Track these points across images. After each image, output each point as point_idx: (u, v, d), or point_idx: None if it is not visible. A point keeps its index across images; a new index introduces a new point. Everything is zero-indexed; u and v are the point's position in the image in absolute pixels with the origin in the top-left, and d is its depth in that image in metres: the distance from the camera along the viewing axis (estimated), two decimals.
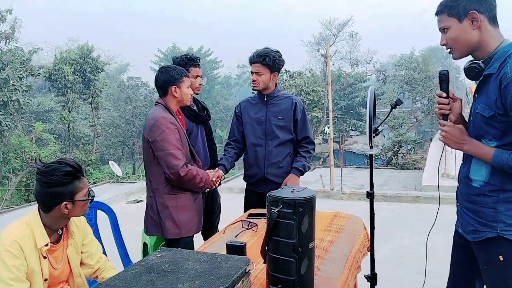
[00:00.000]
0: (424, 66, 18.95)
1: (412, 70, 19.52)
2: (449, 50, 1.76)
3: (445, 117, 1.80)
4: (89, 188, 1.84)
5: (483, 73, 1.66)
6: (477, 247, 1.78)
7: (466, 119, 1.86)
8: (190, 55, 3.01)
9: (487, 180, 1.69)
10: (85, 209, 1.84)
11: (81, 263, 1.95)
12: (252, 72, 2.99)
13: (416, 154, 16.97)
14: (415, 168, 14.60)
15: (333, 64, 22.19)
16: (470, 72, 1.69)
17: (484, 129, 1.68)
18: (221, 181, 2.97)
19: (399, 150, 16.94)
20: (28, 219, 1.76)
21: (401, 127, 17.54)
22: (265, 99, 3.03)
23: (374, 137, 2.03)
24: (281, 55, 3.00)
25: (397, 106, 2.07)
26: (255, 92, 3.11)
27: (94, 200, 1.88)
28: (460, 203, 1.87)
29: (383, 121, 2.41)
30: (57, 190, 1.71)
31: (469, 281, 1.94)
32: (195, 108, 3.06)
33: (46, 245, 1.75)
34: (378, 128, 2.12)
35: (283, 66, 3.05)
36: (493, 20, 1.66)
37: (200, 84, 3.03)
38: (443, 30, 1.73)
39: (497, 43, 1.65)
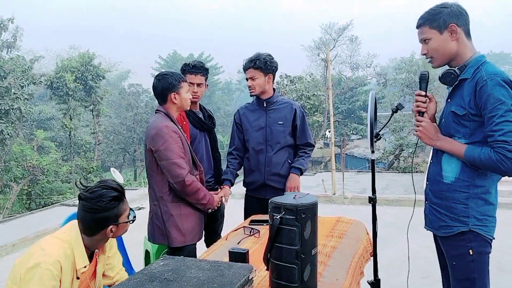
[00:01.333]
0: (424, 69, 18.89)
1: (412, 74, 19.51)
2: (429, 59, 1.92)
3: (421, 114, 1.95)
4: (129, 208, 1.83)
5: (458, 78, 1.84)
6: (446, 242, 1.90)
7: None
8: (191, 62, 2.99)
9: (458, 176, 1.84)
10: (127, 228, 1.84)
11: (103, 275, 1.94)
12: (247, 79, 2.99)
13: (418, 157, 16.95)
14: (416, 172, 14.59)
15: (333, 68, 22.21)
16: (446, 77, 1.87)
17: (455, 127, 1.84)
18: (224, 201, 2.97)
19: (400, 153, 16.89)
20: (69, 237, 1.72)
21: (402, 130, 17.48)
22: (265, 105, 3.02)
23: (375, 141, 2.03)
24: (273, 58, 2.99)
25: (398, 110, 2.07)
26: (254, 98, 3.11)
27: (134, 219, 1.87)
28: (428, 201, 1.99)
29: (385, 125, 2.41)
30: (103, 216, 1.71)
31: None
32: (201, 115, 3.06)
33: (85, 267, 1.73)
34: (379, 133, 2.12)
35: (276, 68, 3.03)
36: (468, 34, 1.87)
37: (194, 92, 2.94)
38: (424, 41, 1.90)
39: (471, 54, 1.85)
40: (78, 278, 1.72)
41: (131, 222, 1.83)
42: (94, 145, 18.65)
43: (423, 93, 1.94)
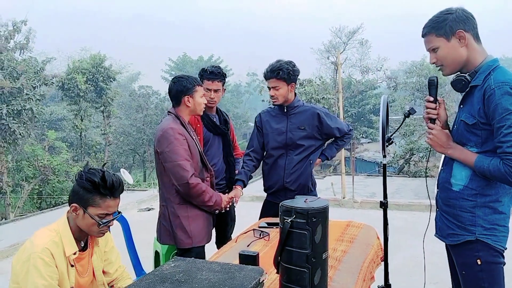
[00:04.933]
0: (435, 73, 18.72)
1: (423, 77, 19.38)
2: (439, 67, 1.88)
3: (432, 121, 1.91)
4: (111, 215, 1.79)
5: (469, 85, 1.79)
6: (455, 251, 1.87)
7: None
8: (209, 67, 3.01)
9: (466, 184, 1.80)
10: (95, 230, 1.78)
11: (103, 272, 1.96)
12: (269, 88, 2.96)
13: (429, 161, 16.78)
14: (427, 176, 14.44)
15: (343, 72, 22.13)
16: (457, 84, 1.82)
17: (467, 136, 1.80)
18: (235, 202, 2.96)
19: (411, 157, 16.77)
20: (57, 226, 1.77)
21: (412, 134, 17.33)
22: (285, 110, 3.01)
23: (387, 146, 2.02)
24: (295, 65, 2.97)
25: (410, 115, 2.06)
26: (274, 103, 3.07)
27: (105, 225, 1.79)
28: (439, 208, 1.96)
29: (396, 130, 2.39)
30: (76, 189, 1.75)
31: None
32: (216, 119, 3.08)
33: (74, 253, 1.76)
34: (391, 137, 2.11)
35: (298, 75, 3.01)
36: (477, 38, 1.81)
37: (211, 98, 2.98)
38: (432, 50, 1.85)
39: (482, 58, 1.79)
40: (72, 266, 1.75)
41: (98, 224, 1.75)
42: (105, 146, 18.76)
43: (432, 98, 1.90)
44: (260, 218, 3.12)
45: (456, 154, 1.83)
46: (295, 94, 3.06)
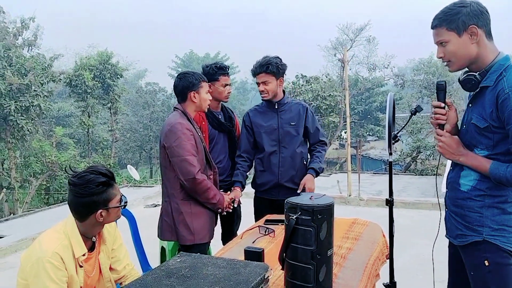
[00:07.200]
0: (443, 71, 18.63)
1: (431, 75, 19.25)
2: (446, 63, 1.78)
3: (441, 127, 1.83)
4: (121, 193, 1.85)
5: (479, 85, 1.70)
6: (464, 251, 1.83)
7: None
8: (220, 64, 3.04)
9: (475, 185, 1.75)
10: (119, 215, 1.86)
11: (109, 268, 1.97)
12: (258, 84, 2.99)
13: (435, 159, 16.71)
14: (434, 174, 14.40)
15: (350, 69, 22.03)
16: (466, 83, 1.74)
17: (477, 139, 1.73)
18: (235, 203, 2.94)
19: (418, 155, 16.70)
20: (65, 228, 1.77)
21: (420, 132, 17.25)
22: (276, 107, 3.03)
23: (393, 143, 2.01)
24: (281, 60, 2.99)
25: (417, 113, 2.04)
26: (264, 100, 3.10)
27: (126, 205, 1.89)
28: (448, 208, 1.92)
29: (402, 128, 2.38)
30: (92, 199, 1.73)
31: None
32: (221, 116, 3.09)
33: (84, 255, 1.77)
34: (397, 134, 2.10)
35: (286, 69, 3.03)
36: (489, 34, 1.70)
37: (228, 92, 3.06)
38: (440, 43, 1.74)
39: (493, 56, 1.69)
40: (81, 266, 1.76)
41: (122, 207, 1.84)
42: (111, 142, 18.88)
43: (443, 104, 1.81)
44: (255, 216, 3.14)
45: (468, 161, 1.75)
46: (284, 91, 3.09)
